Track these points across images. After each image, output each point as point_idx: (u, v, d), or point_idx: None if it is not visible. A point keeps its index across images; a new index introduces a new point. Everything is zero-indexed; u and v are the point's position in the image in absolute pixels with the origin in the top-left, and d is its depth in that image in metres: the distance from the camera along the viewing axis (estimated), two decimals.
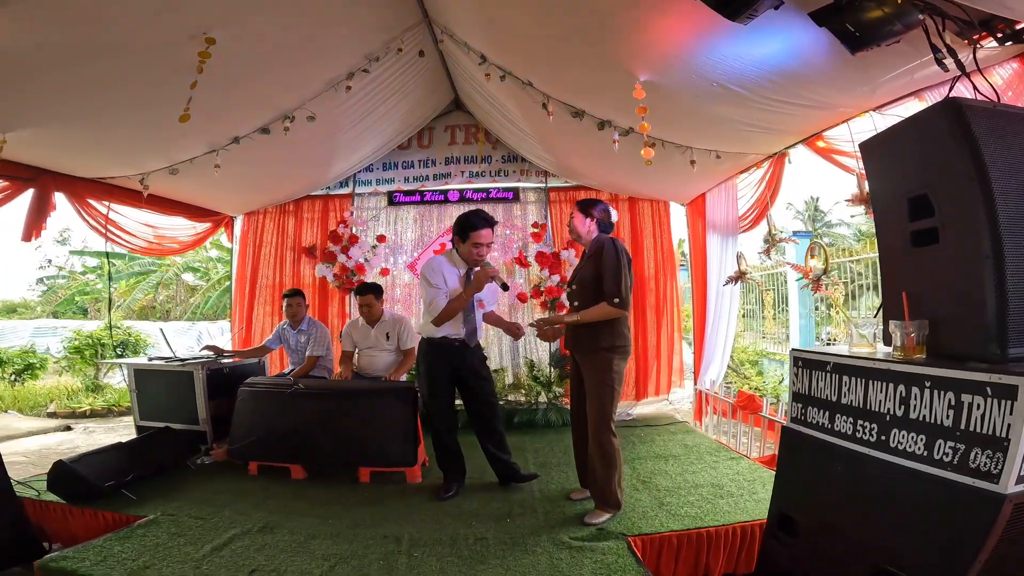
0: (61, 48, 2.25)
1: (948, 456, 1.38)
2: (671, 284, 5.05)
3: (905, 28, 1.65)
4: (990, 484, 1.27)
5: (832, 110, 2.48)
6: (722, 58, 2.11)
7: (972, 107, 1.50)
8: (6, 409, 5.80)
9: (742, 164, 3.67)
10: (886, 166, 1.84)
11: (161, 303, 13.43)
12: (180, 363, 3.63)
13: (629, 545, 2.14)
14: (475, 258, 2.77)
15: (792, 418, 2.03)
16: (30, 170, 3.32)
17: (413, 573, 2.00)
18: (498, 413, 3.00)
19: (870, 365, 1.67)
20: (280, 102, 3.35)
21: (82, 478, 2.60)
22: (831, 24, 1.69)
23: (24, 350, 7.16)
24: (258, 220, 5.19)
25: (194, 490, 2.91)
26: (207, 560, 2.07)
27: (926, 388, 1.47)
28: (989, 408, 1.31)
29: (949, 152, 1.51)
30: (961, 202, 1.50)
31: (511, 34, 2.87)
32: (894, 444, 1.54)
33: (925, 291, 1.68)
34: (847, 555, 1.65)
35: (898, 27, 1.64)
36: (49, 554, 2.12)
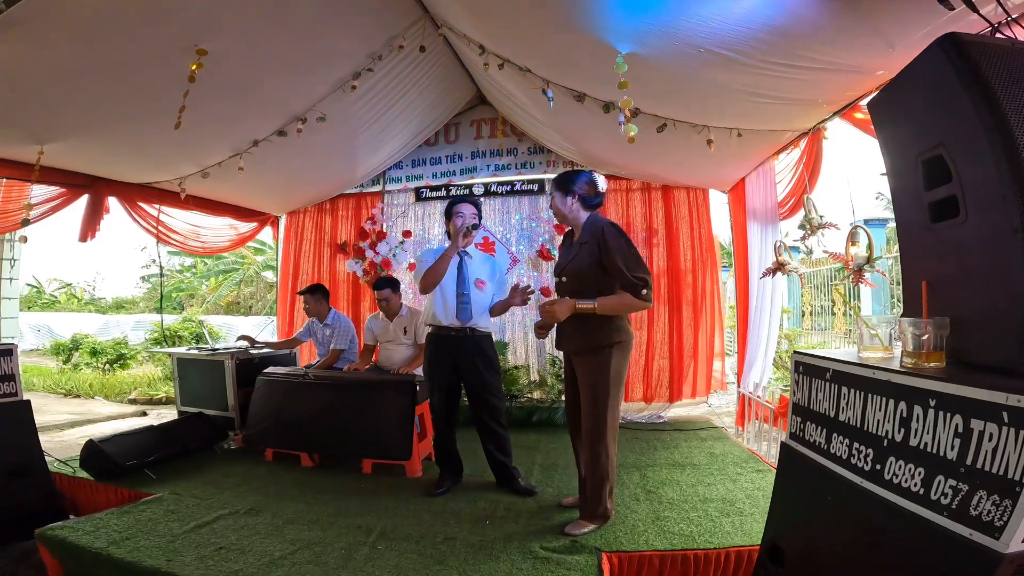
0: (74, 68, 2.46)
1: (947, 497, 1.07)
2: (711, 278, 4.65)
3: None
4: (989, 539, 0.96)
5: (856, 74, 2.09)
6: (699, 19, 1.86)
7: (978, 44, 1.18)
8: (93, 395, 6.58)
9: (776, 143, 3.27)
10: (896, 124, 1.51)
11: (245, 299, 14.66)
12: (212, 352, 3.88)
13: (599, 562, 1.95)
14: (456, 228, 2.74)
15: (790, 433, 1.74)
16: (84, 177, 3.71)
17: (368, 565, 1.97)
18: (499, 414, 2.82)
19: (869, 375, 1.36)
20: (291, 105, 3.47)
21: (107, 456, 2.85)
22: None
23: (117, 341, 8.13)
24: (299, 219, 5.46)
25: (209, 472, 3.09)
26: (184, 536, 2.17)
27: (930, 408, 1.16)
28: (1004, 439, 0.98)
29: (958, 100, 1.20)
30: (980, 161, 1.18)
31: (499, 21, 2.75)
32: (889, 476, 1.24)
33: (948, 279, 1.35)
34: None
35: None
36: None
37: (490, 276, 2.87)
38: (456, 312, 2.73)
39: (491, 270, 2.90)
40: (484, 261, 2.93)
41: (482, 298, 2.81)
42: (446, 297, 2.74)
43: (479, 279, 2.80)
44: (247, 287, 14.57)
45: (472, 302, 2.75)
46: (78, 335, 8.92)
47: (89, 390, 6.79)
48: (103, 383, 6.86)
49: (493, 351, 2.86)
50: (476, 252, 2.93)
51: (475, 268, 2.82)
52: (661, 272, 4.67)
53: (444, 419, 2.84)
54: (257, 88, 3.13)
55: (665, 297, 4.65)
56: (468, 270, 2.79)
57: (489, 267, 2.90)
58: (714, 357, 4.68)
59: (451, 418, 2.86)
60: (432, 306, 2.80)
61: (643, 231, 4.70)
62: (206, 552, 2.05)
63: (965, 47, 1.20)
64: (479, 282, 2.80)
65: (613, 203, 4.77)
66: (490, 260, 2.98)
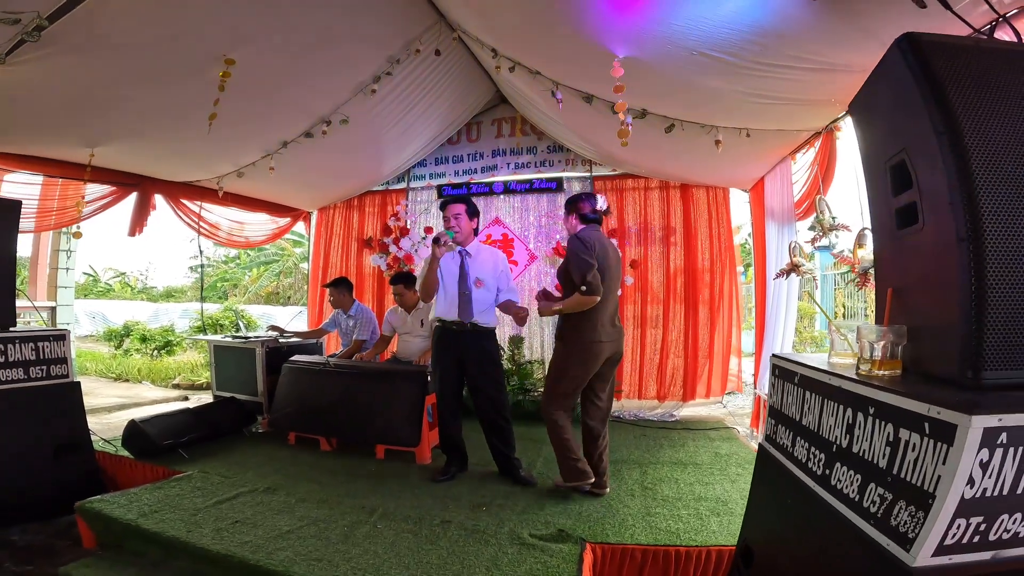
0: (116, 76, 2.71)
1: (875, 505, 1.11)
2: (729, 278, 4.60)
3: None
4: (902, 551, 0.99)
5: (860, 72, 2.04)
6: (688, 21, 1.90)
7: (938, 43, 1.16)
8: (141, 380, 7.07)
9: (791, 142, 3.22)
10: (869, 127, 1.50)
11: (283, 289, 15.33)
12: (245, 340, 4.17)
13: (581, 552, 2.04)
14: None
15: (765, 436, 1.78)
16: (133, 177, 4.04)
17: (367, 541, 2.13)
18: (500, 406, 2.93)
19: (826, 380, 1.39)
20: (316, 108, 3.67)
21: (146, 435, 3.12)
22: None
23: (165, 328, 8.70)
24: (329, 214, 5.72)
25: (236, 453, 3.34)
26: (205, 510, 2.39)
27: (870, 416, 1.19)
28: (924, 451, 1.01)
29: (916, 103, 1.18)
30: (933, 167, 1.17)
31: (507, 26, 2.84)
32: (834, 481, 1.28)
33: (910, 287, 1.36)
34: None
35: None
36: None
37: (491, 274, 2.92)
38: (457, 309, 2.85)
39: (493, 268, 2.94)
40: (486, 259, 2.96)
41: (483, 296, 2.88)
42: (448, 295, 2.87)
43: (478, 278, 2.88)
44: (286, 278, 15.22)
45: (473, 300, 2.85)
46: (129, 322, 9.58)
47: (137, 375, 7.28)
48: (151, 368, 7.37)
49: (494, 346, 2.96)
50: (481, 249, 3.00)
51: (475, 267, 2.90)
52: (678, 271, 4.66)
53: (449, 410, 2.98)
54: (283, 93, 3.34)
55: (681, 296, 4.64)
56: (469, 269, 2.89)
57: (491, 265, 2.94)
58: (731, 357, 4.64)
59: (456, 409, 2.99)
60: (437, 303, 2.95)
61: (660, 229, 4.70)
62: (223, 525, 2.25)
63: (921, 47, 1.17)
64: (478, 281, 2.88)
65: (631, 201, 4.78)
66: (493, 258, 3.00)
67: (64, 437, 2.94)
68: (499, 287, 2.95)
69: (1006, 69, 1.13)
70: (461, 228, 2.85)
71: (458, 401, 3.00)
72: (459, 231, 2.83)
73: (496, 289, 2.94)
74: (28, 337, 2.89)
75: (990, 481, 0.95)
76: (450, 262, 2.89)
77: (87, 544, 2.45)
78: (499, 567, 1.94)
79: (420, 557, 2.01)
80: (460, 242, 2.87)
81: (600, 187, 4.83)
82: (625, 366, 4.72)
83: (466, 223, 2.89)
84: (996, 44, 1.21)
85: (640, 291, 4.70)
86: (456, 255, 2.90)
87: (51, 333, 3.00)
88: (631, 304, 4.73)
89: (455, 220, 2.85)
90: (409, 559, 1.99)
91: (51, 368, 2.96)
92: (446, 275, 2.88)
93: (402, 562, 1.97)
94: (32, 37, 2.07)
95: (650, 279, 4.71)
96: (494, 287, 2.93)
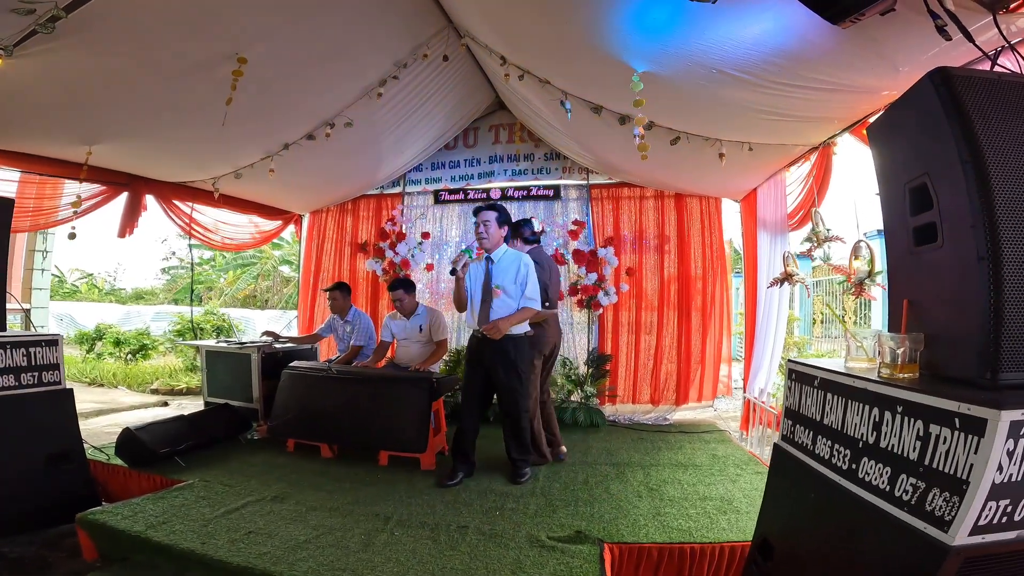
0: (124, 73, 2.65)
1: (908, 494, 1.21)
2: (721, 285, 4.75)
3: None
4: (940, 532, 1.09)
5: (865, 93, 2.20)
6: (712, 42, 1.98)
7: (967, 77, 1.27)
8: (117, 385, 6.81)
9: (788, 156, 3.36)
10: (889, 151, 1.62)
11: (261, 292, 15.00)
12: (240, 346, 4.09)
13: (601, 552, 2.09)
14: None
15: (782, 435, 1.86)
16: (124, 176, 3.93)
17: (387, 549, 2.12)
18: (516, 413, 2.97)
19: (849, 383, 1.49)
20: (321, 111, 3.65)
21: (142, 443, 3.03)
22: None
23: (140, 332, 8.39)
24: (322, 218, 5.65)
25: (235, 461, 3.27)
26: (216, 520, 2.34)
27: (898, 414, 1.29)
28: (955, 443, 1.12)
29: (942, 132, 1.29)
30: (956, 191, 1.28)
31: (520, 36, 2.89)
32: (862, 474, 1.37)
33: (926, 299, 1.47)
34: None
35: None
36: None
37: (512, 280, 2.92)
38: (478, 317, 2.94)
39: (515, 275, 2.93)
40: (509, 266, 2.95)
41: (503, 303, 2.91)
42: (474, 303, 2.98)
43: (497, 286, 2.92)
44: (264, 281, 14.89)
45: (492, 308, 2.90)
46: (102, 325, 9.22)
47: (112, 379, 7.02)
48: (126, 373, 7.11)
49: (517, 352, 2.94)
50: (506, 256, 2.99)
51: (498, 274, 2.94)
52: (671, 279, 4.78)
53: (468, 413, 3.02)
54: (290, 95, 3.31)
55: (675, 303, 4.76)
56: (493, 277, 2.94)
57: (513, 272, 2.93)
58: (721, 362, 4.78)
59: (473, 413, 3.02)
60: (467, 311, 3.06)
61: (655, 238, 4.82)
62: (237, 536, 2.20)
63: (952, 81, 1.27)
64: (496, 290, 2.91)
65: (627, 210, 4.89)
66: (516, 264, 2.96)
67: (56, 446, 2.83)
68: (521, 291, 2.94)
69: (1022, 101, 1.24)
70: (489, 235, 2.93)
71: (477, 406, 3.05)
72: (487, 237, 2.93)
73: (518, 294, 2.94)
74: (19, 342, 2.78)
75: (1015, 467, 1.06)
76: (478, 269, 3.00)
77: (88, 556, 2.37)
78: (524, 570, 1.97)
79: (443, 563, 2.02)
80: (488, 249, 2.97)
81: (597, 195, 4.93)
82: (620, 371, 4.81)
83: (495, 230, 2.95)
84: (1015, 78, 1.32)
85: (635, 298, 4.81)
86: (484, 263, 2.99)
87: (43, 338, 2.89)
88: (626, 311, 4.83)
89: (484, 227, 2.94)
90: (433, 565, 2.00)
91: (43, 375, 2.84)
92: (473, 282, 2.99)
93: (427, 569, 1.97)
94: (46, 29, 2.01)
95: (645, 286, 4.82)
96: (516, 293, 2.93)
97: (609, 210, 4.90)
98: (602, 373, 4.67)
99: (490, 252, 2.98)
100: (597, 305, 4.70)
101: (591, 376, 4.62)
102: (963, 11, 1.54)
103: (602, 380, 4.63)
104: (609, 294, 4.65)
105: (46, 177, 3.58)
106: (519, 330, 2.97)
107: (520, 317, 2.91)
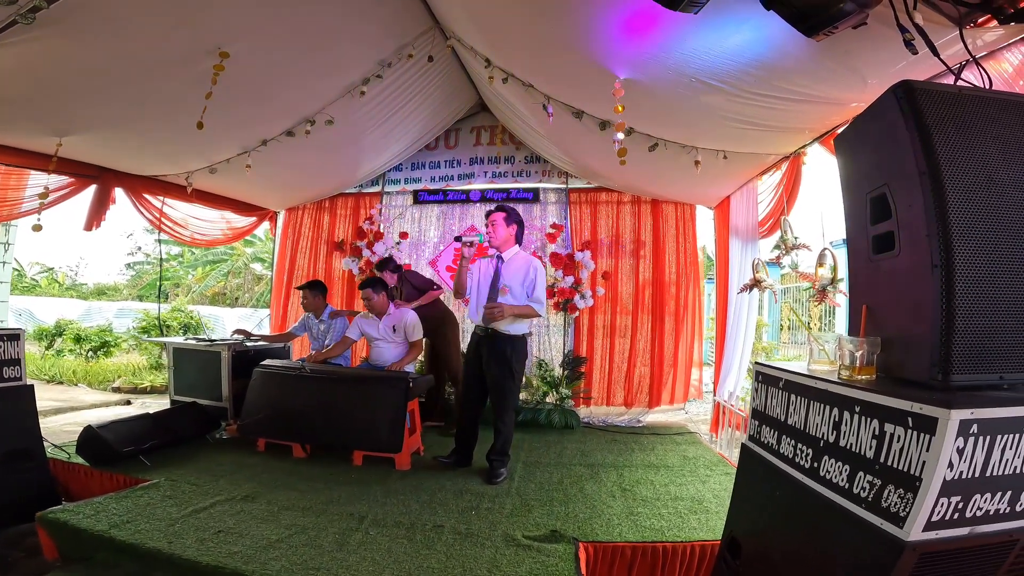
0: (101, 64, 2.58)
1: (865, 491, 1.26)
2: (693, 291, 4.87)
3: (859, 7, 1.50)
4: (894, 527, 1.14)
5: (835, 105, 2.30)
6: (693, 51, 2.05)
7: (928, 91, 1.33)
8: (77, 383, 6.54)
9: (760, 165, 3.48)
10: (853, 162, 1.69)
11: (231, 290, 14.62)
12: (209, 344, 3.99)
13: (576, 550, 2.12)
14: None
15: (749, 436, 1.92)
16: (93, 168, 3.80)
17: (362, 549, 2.11)
18: (501, 410, 3.04)
19: (811, 384, 1.55)
20: (302, 108, 3.60)
21: (104, 442, 2.93)
22: (777, 6, 1.58)
23: (101, 329, 8.07)
24: (297, 215, 5.56)
25: (203, 460, 3.20)
26: (183, 520, 2.28)
27: (855, 413, 1.35)
28: (908, 441, 1.17)
29: (902, 144, 1.35)
30: (913, 202, 1.35)
31: (505, 39, 2.92)
32: (823, 472, 1.43)
33: (884, 304, 1.54)
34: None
35: (849, 6, 1.49)
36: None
37: (520, 282, 2.99)
38: (482, 320, 2.99)
39: (523, 277, 2.99)
40: (518, 268, 3.02)
41: (507, 303, 2.95)
42: (480, 297, 3.04)
43: (505, 285, 2.98)
44: (235, 278, 14.53)
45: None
46: (62, 321, 8.85)
47: (73, 377, 6.75)
48: (87, 370, 6.83)
49: (513, 352, 3.00)
50: (516, 257, 3.07)
51: (507, 275, 3.00)
52: (646, 283, 4.88)
53: (467, 403, 3.20)
54: (271, 90, 3.26)
55: (649, 307, 4.85)
56: (502, 276, 3.00)
57: (522, 274, 3.00)
58: (693, 366, 4.90)
59: (472, 402, 3.17)
60: (468, 306, 3.13)
61: (631, 243, 4.91)
62: (205, 535, 2.15)
63: (914, 94, 1.33)
64: (503, 288, 2.98)
65: (605, 215, 4.97)
66: (525, 267, 3.02)
67: (15, 443, 2.72)
68: (528, 294, 3.00)
69: (980, 115, 1.31)
70: (496, 235, 2.99)
71: (476, 401, 3.17)
72: (494, 237, 2.99)
73: (525, 297, 3.00)
74: None
75: (965, 465, 1.12)
76: (488, 267, 3.06)
77: (48, 556, 2.29)
78: (500, 568, 1.98)
79: (420, 562, 2.02)
80: (498, 247, 3.02)
81: (575, 199, 4.99)
82: (594, 374, 4.88)
83: (502, 230, 3.01)
84: (974, 92, 1.39)
85: (610, 302, 4.88)
86: (493, 261, 3.05)
87: (4, 332, 2.78)
88: (601, 314, 4.91)
89: (491, 227, 3.00)
90: (409, 565, 1.99)
91: (3, 370, 2.74)
92: (481, 280, 3.05)
93: (403, 568, 1.97)
94: (26, 19, 1.94)
95: (620, 290, 4.90)
96: (522, 295, 2.99)
97: (587, 214, 4.97)
98: (577, 375, 4.72)
99: (500, 251, 3.05)
100: (574, 308, 4.76)
101: (566, 378, 4.67)
102: (931, 25, 1.63)
103: (577, 382, 4.69)
104: (585, 297, 4.71)
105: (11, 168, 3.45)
106: (518, 331, 3.03)
107: (524, 311, 2.96)
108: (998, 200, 1.29)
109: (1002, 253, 1.26)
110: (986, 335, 1.24)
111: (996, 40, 1.73)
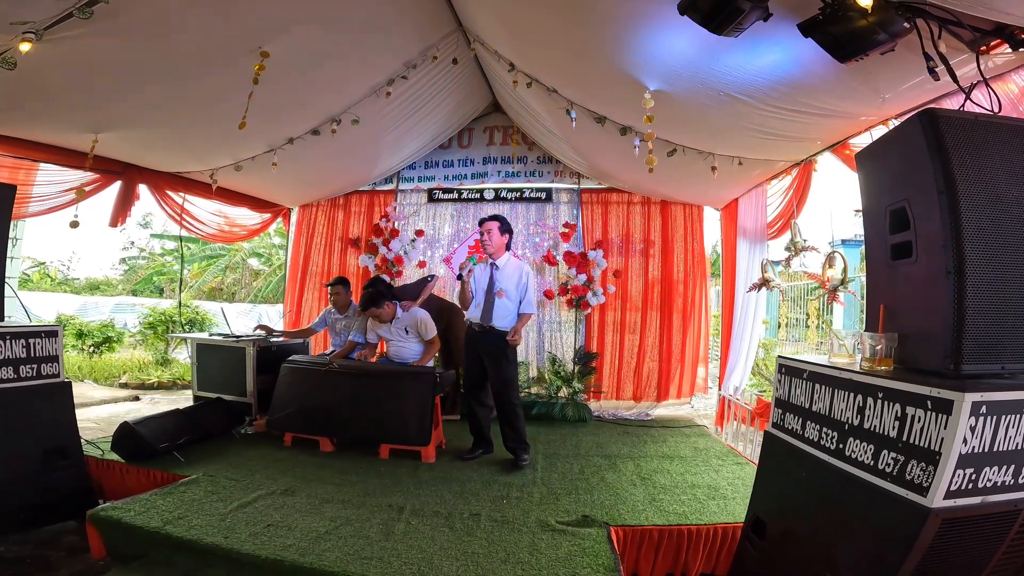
0: (143, 62, 2.64)
1: (890, 466, 1.43)
2: (701, 289, 5.03)
3: (891, 37, 1.65)
4: (919, 497, 1.31)
5: (851, 119, 2.45)
6: (725, 68, 2.18)
7: (949, 118, 1.50)
8: (83, 378, 6.51)
9: (771, 170, 3.63)
10: (875, 177, 1.85)
11: (228, 286, 14.58)
12: (235, 340, 4.07)
13: (608, 533, 2.26)
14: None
15: (772, 423, 2.08)
16: (119, 164, 3.85)
17: (407, 538, 2.22)
18: (506, 400, 3.27)
19: (835, 374, 1.72)
20: (328, 107, 3.69)
21: (141, 438, 3.00)
22: (816, 35, 1.72)
23: (104, 324, 8.00)
24: (311, 212, 5.63)
25: (234, 455, 3.28)
26: (232, 514, 2.37)
27: (879, 399, 1.52)
28: (928, 421, 1.36)
29: (923, 165, 1.52)
30: (931, 216, 1.51)
31: (535, 45, 3.03)
32: (848, 452, 1.59)
33: (900, 305, 1.70)
34: (800, 560, 1.71)
35: (883, 36, 1.64)
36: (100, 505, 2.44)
37: (514, 286, 3.31)
38: (481, 313, 3.24)
39: (517, 282, 3.33)
40: (511, 273, 3.34)
41: (504, 304, 3.28)
42: (478, 300, 3.29)
43: (501, 289, 3.27)
44: (232, 274, 14.49)
45: (495, 307, 3.24)
46: (63, 316, 8.80)
47: (78, 373, 6.72)
48: (92, 366, 6.82)
49: (509, 347, 3.28)
50: (509, 264, 3.39)
51: (501, 279, 3.32)
52: (655, 281, 5.04)
53: (472, 398, 3.42)
54: (301, 89, 3.35)
55: (657, 304, 5.01)
56: (496, 281, 3.29)
57: (515, 279, 3.33)
58: (699, 362, 5.07)
59: (478, 397, 3.40)
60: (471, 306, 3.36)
61: (641, 242, 5.06)
62: (257, 529, 2.23)
63: (937, 122, 1.50)
64: (500, 292, 3.26)
65: (615, 215, 5.11)
66: (518, 272, 3.36)
67: (53, 441, 2.76)
68: (520, 298, 3.32)
69: (992, 139, 1.49)
70: (492, 242, 3.28)
71: (480, 387, 3.38)
72: (489, 244, 3.27)
73: (518, 300, 3.32)
74: (19, 333, 2.72)
75: (976, 441, 1.30)
76: (483, 272, 3.33)
77: (96, 554, 2.33)
78: (540, 551, 2.12)
79: (463, 548, 2.14)
80: (491, 254, 3.31)
81: (587, 199, 5.13)
82: (604, 368, 5.03)
83: (497, 238, 3.30)
84: (988, 118, 1.56)
85: (621, 299, 5.03)
86: (488, 267, 3.32)
87: (43, 329, 2.84)
88: (612, 311, 5.06)
89: (487, 235, 3.27)
90: (455, 551, 2.12)
91: (42, 367, 2.80)
92: (479, 283, 3.32)
93: (449, 554, 2.09)
94: (83, 13, 1.98)
95: (630, 288, 5.05)
96: (515, 298, 3.34)
97: (598, 214, 5.11)
98: (589, 370, 4.87)
99: (494, 258, 3.33)
100: (586, 305, 4.90)
101: (579, 373, 4.81)
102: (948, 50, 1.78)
103: (589, 377, 4.84)
104: (597, 295, 4.86)
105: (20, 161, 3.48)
106: (510, 325, 3.29)
107: (525, 321, 3.39)
108: (1003, 216, 1.47)
109: (1005, 261, 1.44)
110: (991, 331, 1.42)
111: (1004, 64, 1.88)
